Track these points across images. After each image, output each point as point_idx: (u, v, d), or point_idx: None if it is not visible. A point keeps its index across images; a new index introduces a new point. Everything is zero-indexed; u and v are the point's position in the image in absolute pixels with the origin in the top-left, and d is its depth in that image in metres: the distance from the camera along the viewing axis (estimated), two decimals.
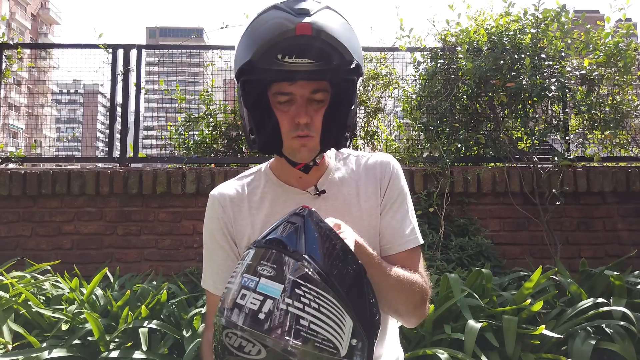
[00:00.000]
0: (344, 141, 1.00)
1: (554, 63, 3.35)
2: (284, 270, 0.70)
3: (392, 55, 4.15)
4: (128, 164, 3.72)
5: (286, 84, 0.95)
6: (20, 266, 3.01)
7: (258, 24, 0.91)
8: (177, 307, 2.46)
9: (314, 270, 0.70)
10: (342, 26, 0.91)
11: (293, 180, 1.09)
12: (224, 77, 4.39)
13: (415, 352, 2.10)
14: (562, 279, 2.58)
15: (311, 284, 0.70)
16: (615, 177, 3.34)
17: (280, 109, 0.98)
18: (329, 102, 0.99)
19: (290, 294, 0.68)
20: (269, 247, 0.74)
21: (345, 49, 0.89)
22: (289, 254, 0.72)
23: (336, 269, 0.74)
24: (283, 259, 0.71)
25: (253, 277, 0.71)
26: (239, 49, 0.94)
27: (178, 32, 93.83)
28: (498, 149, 3.45)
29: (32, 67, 4.64)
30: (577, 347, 2.10)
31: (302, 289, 0.69)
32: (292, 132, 0.97)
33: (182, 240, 3.34)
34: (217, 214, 1.09)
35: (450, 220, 3.32)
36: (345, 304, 0.72)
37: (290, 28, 0.85)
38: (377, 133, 4.08)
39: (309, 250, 0.72)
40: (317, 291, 0.70)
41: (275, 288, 0.69)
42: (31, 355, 1.98)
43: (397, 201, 1.10)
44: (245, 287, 0.71)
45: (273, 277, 0.70)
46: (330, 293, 0.70)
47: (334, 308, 0.70)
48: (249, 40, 0.91)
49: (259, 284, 0.70)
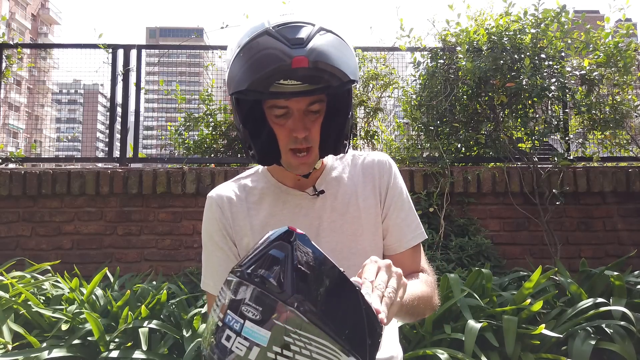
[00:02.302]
0: (342, 148, 1.00)
1: (554, 63, 3.36)
2: (270, 313, 0.63)
3: (392, 55, 4.15)
4: (128, 164, 3.72)
5: (282, 99, 0.94)
6: (20, 266, 3.01)
7: (251, 51, 0.88)
8: (177, 307, 2.46)
9: (304, 314, 0.63)
10: (337, 48, 0.89)
11: (291, 181, 1.09)
12: (224, 77, 4.33)
13: (415, 352, 2.10)
14: (562, 279, 2.58)
15: (301, 329, 0.62)
16: (615, 177, 3.34)
17: (277, 123, 0.97)
18: (325, 110, 0.99)
19: (278, 342, 0.62)
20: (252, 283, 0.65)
21: (342, 72, 0.87)
22: (274, 294, 0.63)
23: (329, 306, 0.65)
24: (269, 301, 0.63)
25: (238, 318, 0.64)
26: (232, 70, 0.92)
27: (178, 32, 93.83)
28: (498, 149, 3.45)
29: (32, 67, 4.64)
30: (577, 347, 2.10)
31: (292, 336, 0.62)
32: (290, 144, 0.96)
33: (182, 240, 3.34)
34: (215, 215, 1.09)
35: (450, 220, 3.32)
36: (342, 344, 0.64)
37: (287, 62, 0.83)
38: (377, 133, 4.08)
39: (298, 289, 0.64)
40: (308, 337, 0.63)
41: (261, 335, 0.62)
42: (31, 355, 1.98)
43: (400, 199, 1.11)
44: (230, 328, 0.64)
45: (259, 321, 0.63)
46: (323, 336, 0.63)
47: (329, 351, 0.64)
48: (242, 67, 0.89)
49: (244, 328, 0.63)
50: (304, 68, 0.84)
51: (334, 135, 0.99)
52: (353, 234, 1.07)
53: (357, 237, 1.07)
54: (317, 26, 0.89)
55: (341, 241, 1.06)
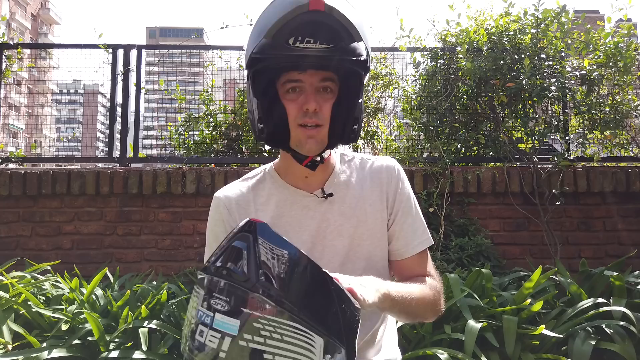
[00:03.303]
0: (351, 134, 1.00)
1: (554, 63, 3.36)
2: (237, 303, 0.65)
3: (392, 55, 4.15)
4: (128, 164, 3.72)
5: (295, 72, 0.96)
6: (20, 266, 3.01)
7: (269, 7, 0.93)
8: (177, 307, 2.46)
9: (269, 299, 0.65)
10: (352, 12, 0.93)
11: (299, 181, 1.08)
12: (224, 77, 4.39)
13: (415, 352, 2.10)
14: (562, 279, 2.58)
15: (269, 314, 0.64)
16: (615, 177, 3.34)
17: (289, 98, 0.98)
18: (337, 96, 1.00)
19: (247, 329, 0.64)
20: (218, 276, 0.68)
21: (355, 30, 0.91)
22: (240, 283, 0.66)
23: (294, 289, 0.67)
24: (235, 290, 0.66)
25: (208, 311, 0.66)
26: (250, 39, 0.96)
27: (178, 32, 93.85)
28: (498, 149, 3.45)
29: (32, 67, 4.64)
30: (577, 347, 2.10)
31: (260, 321, 0.64)
32: (299, 119, 0.97)
33: (182, 240, 3.34)
34: (222, 216, 1.08)
35: (450, 220, 3.32)
36: (310, 324, 0.66)
37: (304, 3, 0.86)
38: (377, 133, 4.08)
39: (261, 276, 0.66)
40: (276, 321, 0.65)
41: (231, 324, 0.64)
42: (31, 355, 1.98)
43: (408, 205, 1.11)
44: (202, 323, 0.66)
45: (227, 311, 0.65)
46: (292, 318, 0.65)
47: (299, 333, 0.66)
48: (260, 25, 0.93)
49: (215, 320, 0.65)
50: (319, 13, 0.87)
51: (343, 119, 0.99)
52: (359, 237, 1.07)
53: (362, 241, 1.07)
54: None
55: (346, 245, 1.06)
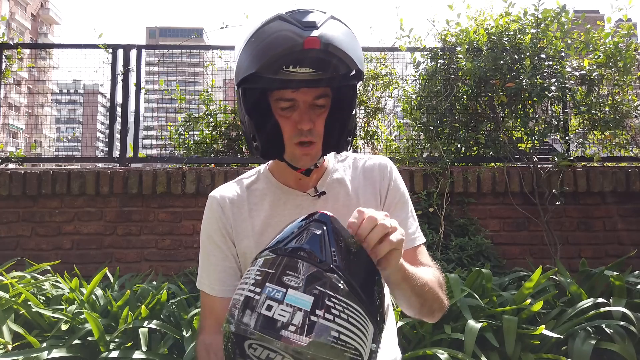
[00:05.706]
0: (345, 145, 1.01)
1: (554, 63, 3.36)
2: (312, 281, 0.69)
3: (392, 55, 4.15)
4: (128, 164, 3.72)
5: (289, 91, 0.95)
6: (20, 266, 3.01)
7: (263, 35, 0.89)
8: (177, 307, 2.46)
9: (341, 281, 0.70)
10: (347, 36, 0.91)
11: (292, 181, 1.09)
12: (224, 77, 4.39)
13: (415, 352, 2.10)
14: (562, 279, 2.58)
15: (340, 294, 0.70)
16: (615, 177, 3.33)
17: (283, 115, 0.98)
18: (330, 107, 1.00)
19: (321, 306, 0.68)
20: (294, 256, 0.73)
21: (352, 60, 0.89)
22: (316, 264, 0.71)
23: (360, 277, 0.74)
24: (310, 270, 0.70)
25: (279, 287, 0.70)
26: (241, 58, 0.93)
27: (178, 32, 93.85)
28: (498, 149, 3.45)
29: (32, 67, 4.63)
30: (577, 347, 2.10)
31: (332, 300, 0.69)
32: (294, 137, 0.97)
33: (182, 240, 3.34)
34: (216, 215, 1.09)
35: (450, 220, 3.32)
36: (369, 311, 0.72)
37: (299, 42, 0.84)
38: (377, 133, 4.08)
39: (335, 260, 0.72)
40: (345, 302, 0.70)
41: (305, 300, 0.68)
42: (31, 355, 1.98)
43: (400, 203, 1.11)
44: (271, 298, 0.69)
45: (301, 288, 0.69)
46: (357, 303, 0.71)
47: (361, 317, 0.71)
48: (253, 51, 0.89)
49: (287, 296, 0.69)
50: (315, 50, 0.85)
51: (337, 132, 1.00)
52: None
53: None
54: (329, 14, 0.91)
55: None
